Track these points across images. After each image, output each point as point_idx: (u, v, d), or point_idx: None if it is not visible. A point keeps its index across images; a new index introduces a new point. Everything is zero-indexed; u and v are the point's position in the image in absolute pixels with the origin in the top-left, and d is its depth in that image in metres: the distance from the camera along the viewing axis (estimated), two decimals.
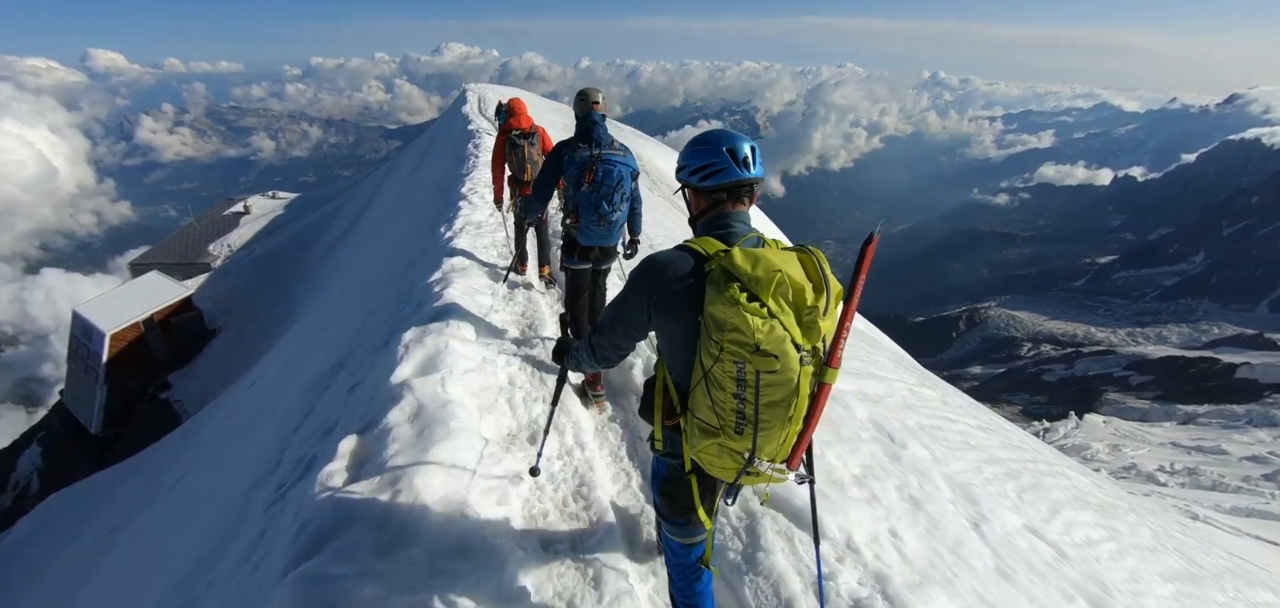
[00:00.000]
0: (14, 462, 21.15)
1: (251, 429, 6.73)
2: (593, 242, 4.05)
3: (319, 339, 8.86)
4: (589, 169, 3.85)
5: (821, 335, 1.61)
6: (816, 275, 1.64)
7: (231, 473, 5.64)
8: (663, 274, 1.74)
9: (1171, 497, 17.09)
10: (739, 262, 1.57)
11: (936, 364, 61.56)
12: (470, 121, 20.48)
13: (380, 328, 5.48)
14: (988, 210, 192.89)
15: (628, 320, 1.88)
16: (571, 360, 2.25)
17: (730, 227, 1.80)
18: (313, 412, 4.77)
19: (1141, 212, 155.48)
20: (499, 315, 5.07)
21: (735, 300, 1.53)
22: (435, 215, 8.97)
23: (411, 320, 4.41)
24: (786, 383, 1.54)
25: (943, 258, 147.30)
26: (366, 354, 4.96)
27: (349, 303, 9.62)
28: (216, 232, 34.08)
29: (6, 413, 76.13)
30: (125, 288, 23.42)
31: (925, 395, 6.27)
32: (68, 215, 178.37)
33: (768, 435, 1.61)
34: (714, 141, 1.82)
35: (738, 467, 1.67)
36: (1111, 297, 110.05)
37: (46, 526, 10.12)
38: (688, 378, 1.72)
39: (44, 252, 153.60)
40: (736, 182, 1.79)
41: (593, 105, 4.00)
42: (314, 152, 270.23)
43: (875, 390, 5.46)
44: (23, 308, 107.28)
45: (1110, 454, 24.87)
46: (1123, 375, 75.05)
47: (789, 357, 1.52)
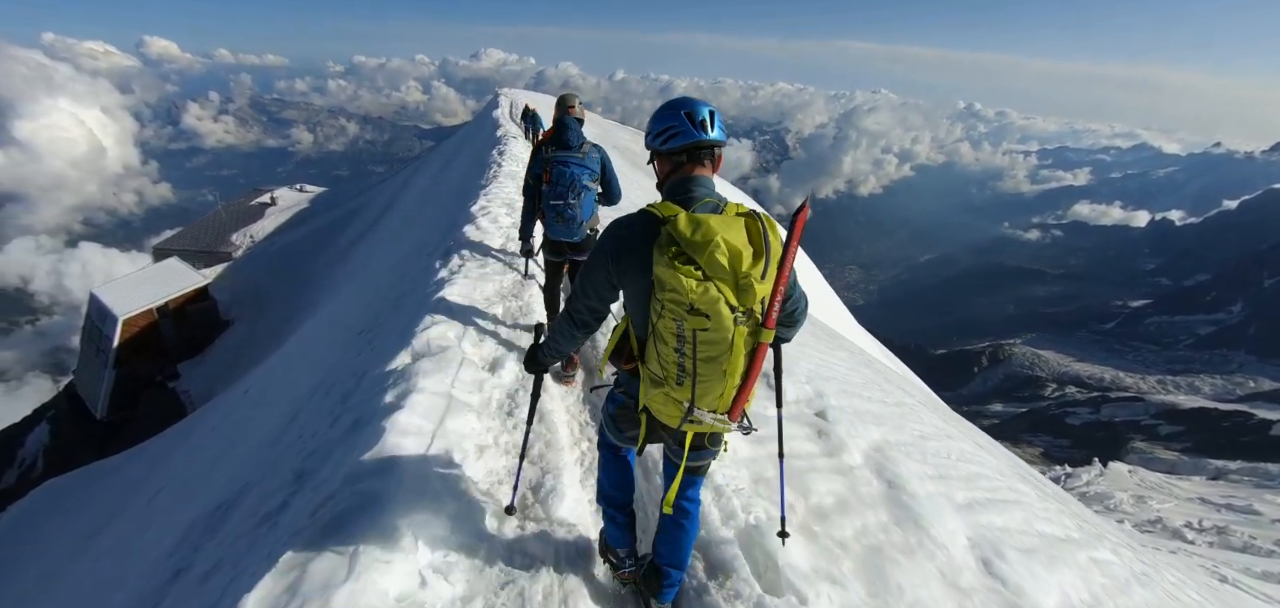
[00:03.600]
0: (22, 439, 21.50)
1: (217, 463, 6.55)
2: (556, 235, 4.36)
3: (306, 358, 8.77)
4: (546, 170, 4.22)
5: (759, 298, 1.70)
6: (758, 241, 1.73)
7: (189, 506, 5.50)
8: (623, 236, 1.89)
9: (1199, 556, 16.27)
10: (681, 226, 1.68)
11: (956, 399, 60.17)
12: (500, 126, 20.45)
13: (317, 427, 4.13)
14: (1017, 245, 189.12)
15: (596, 281, 2.01)
16: (550, 346, 2.34)
17: (690, 191, 1.89)
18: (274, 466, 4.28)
19: (1178, 256, 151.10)
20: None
21: (672, 264, 1.66)
22: (442, 230, 8.36)
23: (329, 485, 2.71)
24: (720, 340, 1.67)
25: (968, 291, 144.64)
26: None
27: (327, 340, 8.73)
28: (241, 221, 34.74)
29: (33, 380, 78.74)
30: (143, 273, 23.83)
31: None
32: (112, 193, 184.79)
33: (705, 387, 1.75)
34: (674, 106, 1.93)
35: (681, 414, 1.83)
36: (1143, 342, 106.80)
37: (32, 516, 10.18)
38: (645, 330, 1.88)
39: (86, 227, 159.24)
40: (695, 143, 1.89)
41: (568, 110, 4.46)
42: (349, 147, 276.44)
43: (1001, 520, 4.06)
44: (59, 279, 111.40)
45: (1135, 506, 23.91)
46: (1151, 424, 72.43)
47: (722, 316, 1.64)
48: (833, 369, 6.08)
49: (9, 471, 20.60)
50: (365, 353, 5.11)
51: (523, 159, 12.68)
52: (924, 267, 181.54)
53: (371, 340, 5.52)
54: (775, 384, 2.54)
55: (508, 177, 10.42)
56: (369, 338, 5.78)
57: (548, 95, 47.63)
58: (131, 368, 20.18)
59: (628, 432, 2.18)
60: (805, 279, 22.58)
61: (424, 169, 32.12)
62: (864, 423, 4.49)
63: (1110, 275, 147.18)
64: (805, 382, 4.87)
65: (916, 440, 4.82)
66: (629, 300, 1.98)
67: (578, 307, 2.12)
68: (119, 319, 19.90)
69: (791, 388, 4.64)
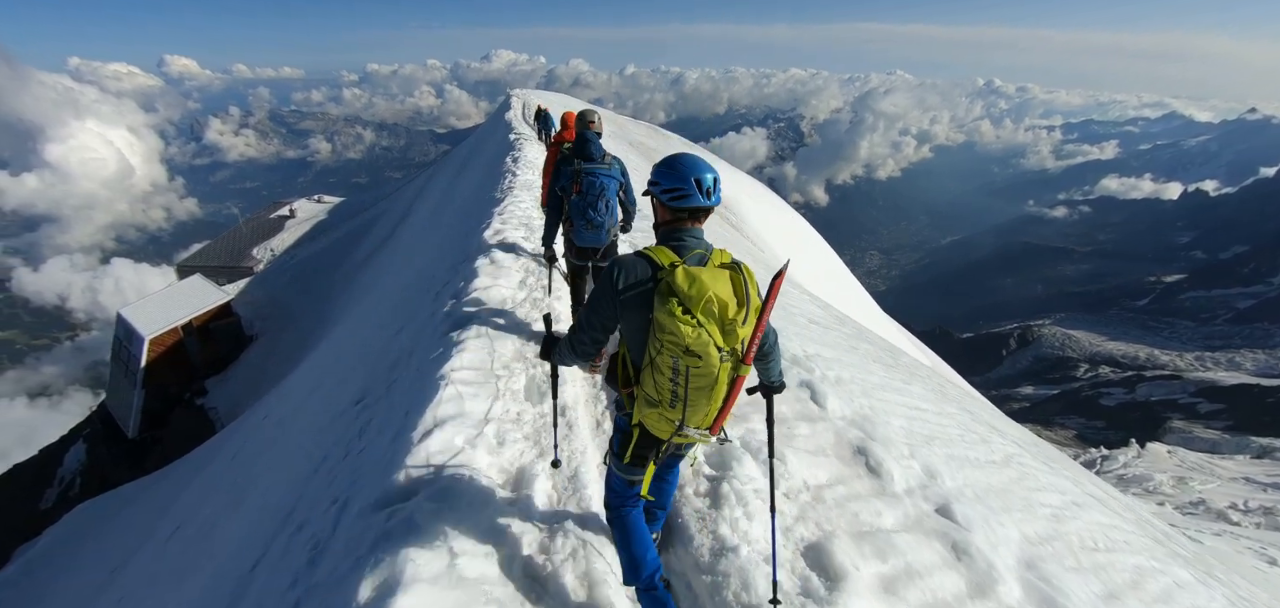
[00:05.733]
0: (61, 457, 22.04)
1: (240, 503, 6.40)
2: (585, 242, 4.70)
3: (323, 389, 8.67)
4: (576, 181, 4.54)
5: (740, 339, 2.06)
6: (741, 292, 2.08)
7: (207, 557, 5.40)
8: (625, 279, 2.17)
9: (1246, 538, 15.62)
10: (680, 281, 2.01)
11: (984, 383, 59.03)
12: (512, 129, 20.23)
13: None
14: (1043, 224, 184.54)
15: (602, 314, 2.27)
16: (557, 358, 2.65)
17: (683, 240, 2.20)
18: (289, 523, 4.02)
19: (1214, 228, 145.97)
20: None
21: (672, 313, 1.99)
22: (451, 263, 7.56)
23: None
24: (708, 374, 2.02)
25: (993, 272, 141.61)
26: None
27: (344, 369, 8.14)
28: (261, 235, 35.22)
29: (75, 394, 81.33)
30: (167, 291, 24.21)
31: None
32: (141, 211, 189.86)
33: (694, 410, 2.11)
34: (684, 172, 2.17)
35: (672, 430, 2.16)
36: (1178, 318, 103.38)
37: (65, 543, 10.29)
38: (641, 359, 2.19)
39: (118, 244, 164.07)
40: (698, 207, 2.19)
41: (588, 126, 4.97)
42: (367, 154, 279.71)
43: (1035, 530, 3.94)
44: (94, 296, 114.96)
45: (1175, 487, 23.08)
46: (1189, 403, 70.22)
47: (711, 357, 2.00)
48: (925, 420, 5.31)
49: (49, 490, 21.14)
50: (352, 457, 4.24)
51: (536, 164, 12.50)
52: (946, 249, 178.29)
53: (363, 434, 4.55)
54: (768, 434, 2.55)
55: (523, 188, 10.18)
56: (363, 422, 4.82)
57: (559, 95, 47.49)
58: (160, 387, 20.52)
59: (634, 464, 2.40)
60: (827, 268, 21.98)
61: (436, 179, 32.19)
62: (998, 517, 3.52)
63: (1142, 251, 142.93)
64: (909, 454, 3.97)
65: (1053, 523, 4.10)
66: (628, 333, 2.25)
67: (582, 338, 2.38)
68: (145, 339, 20.23)
69: (898, 471, 3.67)
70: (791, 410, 4.22)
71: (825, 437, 3.96)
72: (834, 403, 4.46)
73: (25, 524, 16.37)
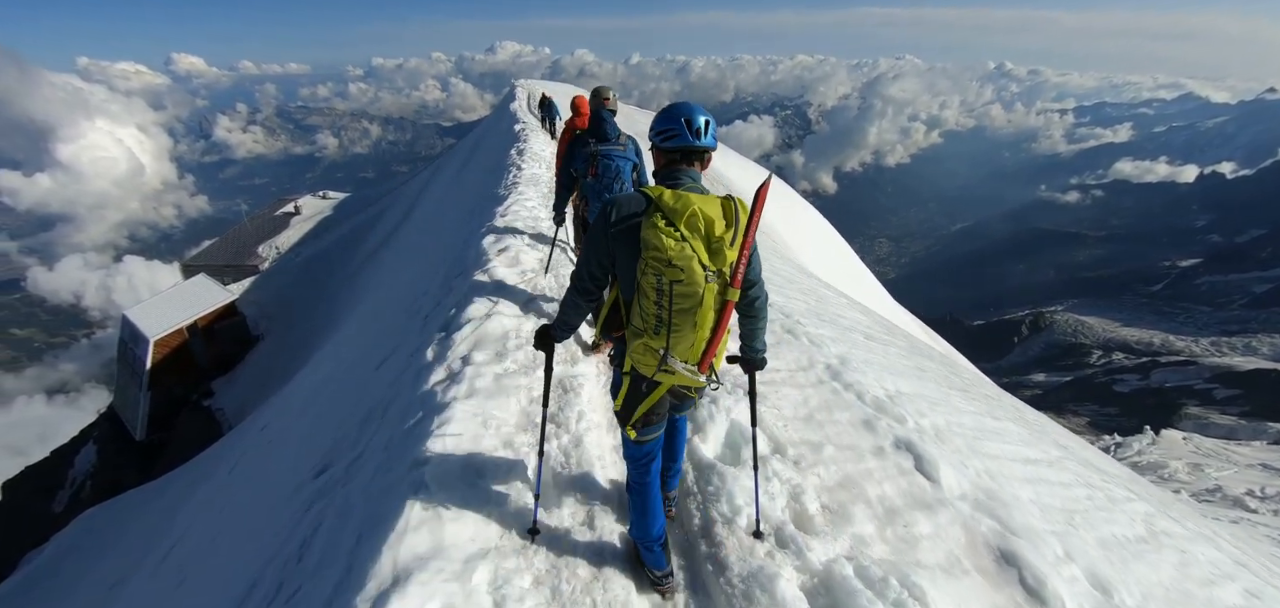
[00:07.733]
0: (71, 460, 22.18)
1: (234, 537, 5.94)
2: None
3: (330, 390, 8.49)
4: (592, 164, 4.52)
5: (728, 262, 2.05)
6: (730, 215, 2.08)
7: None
8: (618, 212, 2.19)
9: (1265, 525, 15.31)
10: (666, 199, 2.03)
11: (996, 371, 58.38)
12: (517, 120, 19.73)
13: None
14: (1055, 209, 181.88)
15: (598, 249, 2.27)
16: (560, 322, 2.50)
17: (678, 180, 2.22)
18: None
19: (1230, 211, 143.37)
20: None
21: (656, 226, 2.00)
22: (445, 276, 6.90)
23: None
24: (692, 294, 2.01)
25: (1004, 258, 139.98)
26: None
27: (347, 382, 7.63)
28: (267, 233, 35.22)
29: (91, 391, 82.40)
30: (172, 292, 24.21)
31: None
32: (152, 209, 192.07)
33: (679, 337, 2.09)
34: (676, 112, 2.23)
35: (657, 362, 2.14)
36: (1193, 303, 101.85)
37: (69, 552, 10.28)
38: (631, 292, 2.18)
39: (130, 242, 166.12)
40: (689, 146, 2.21)
41: (603, 103, 4.88)
42: (373, 149, 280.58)
43: None
44: (108, 293, 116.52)
45: (1191, 474, 22.74)
46: (1205, 389, 69.22)
47: (694, 273, 1.99)
48: (1044, 478, 4.43)
49: (61, 491, 21.28)
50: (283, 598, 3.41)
51: (542, 156, 12.31)
52: (957, 235, 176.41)
53: (304, 553, 3.57)
54: (750, 405, 2.67)
55: (529, 183, 9.93)
56: (310, 527, 4.02)
57: (564, 84, 47.12)
58: (166, 388, 20.55)
59: (643, 426, 2.38)
60: (837, 254, 21.51)
61: (442, 172, 32.00)
62: (1071, 554, 3.03)
63: (1157, 235, 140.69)
64: (1064, 555, 3.03)
65: (1138, 551, 3.60)
66: (620, 268, 2.24)
67: (581, 274, 2.36)
68: (150, 340, 20.23)
69: (1066, 593, 2.74)
70: (897, 491, 3.12)
71: (953, 535, 2.87)
72: (948, 475, 3.31)
73: (36, 527, 16.52)
